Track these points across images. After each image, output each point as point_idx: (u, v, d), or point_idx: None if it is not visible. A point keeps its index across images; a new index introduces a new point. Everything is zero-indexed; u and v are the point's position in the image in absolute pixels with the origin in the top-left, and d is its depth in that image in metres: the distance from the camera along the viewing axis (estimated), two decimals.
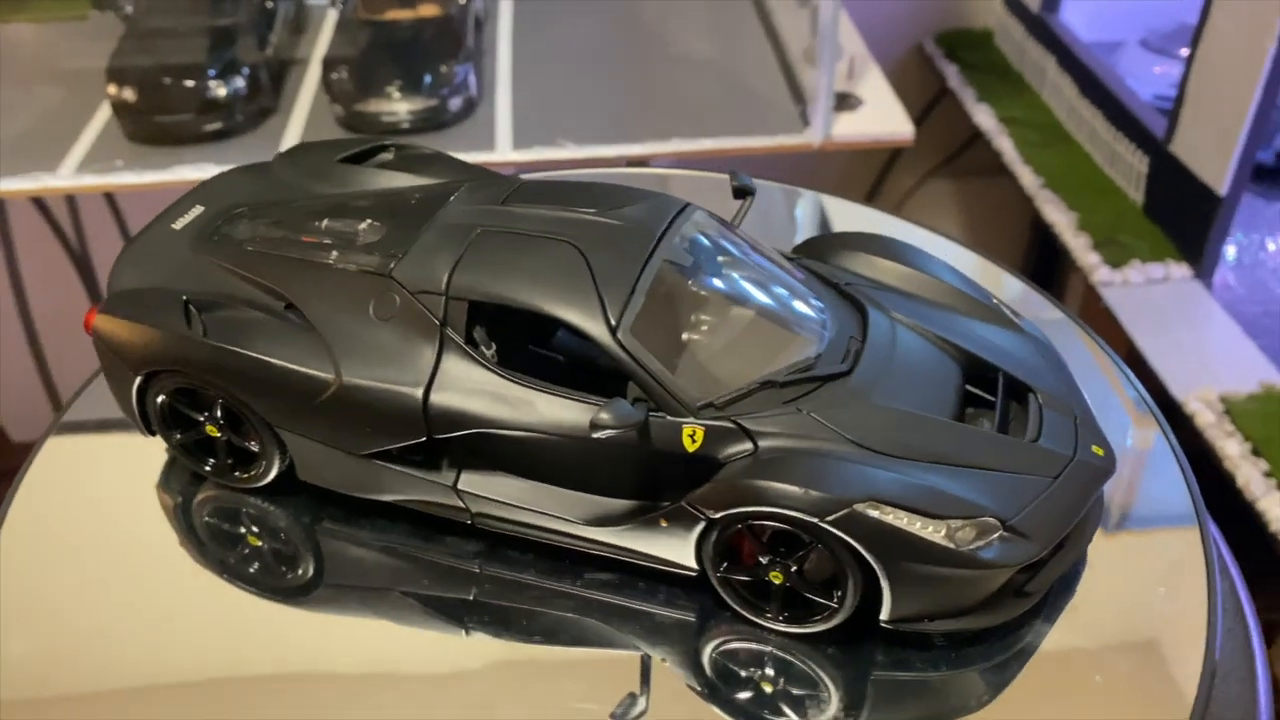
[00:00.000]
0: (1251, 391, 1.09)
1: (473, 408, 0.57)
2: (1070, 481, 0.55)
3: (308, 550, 0.64)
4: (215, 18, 1.22)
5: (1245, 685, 0.52)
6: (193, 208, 0.71)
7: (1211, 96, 1.17)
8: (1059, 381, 0.61)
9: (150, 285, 0.66)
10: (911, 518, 0.52)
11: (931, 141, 1.81)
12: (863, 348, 0.58)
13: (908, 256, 0.67)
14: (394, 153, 0.75)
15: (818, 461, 0.53)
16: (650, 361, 0.55)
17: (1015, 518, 0.53)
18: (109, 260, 1.84)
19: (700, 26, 1.38)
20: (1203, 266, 1.23)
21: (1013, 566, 0.52)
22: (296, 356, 0.60)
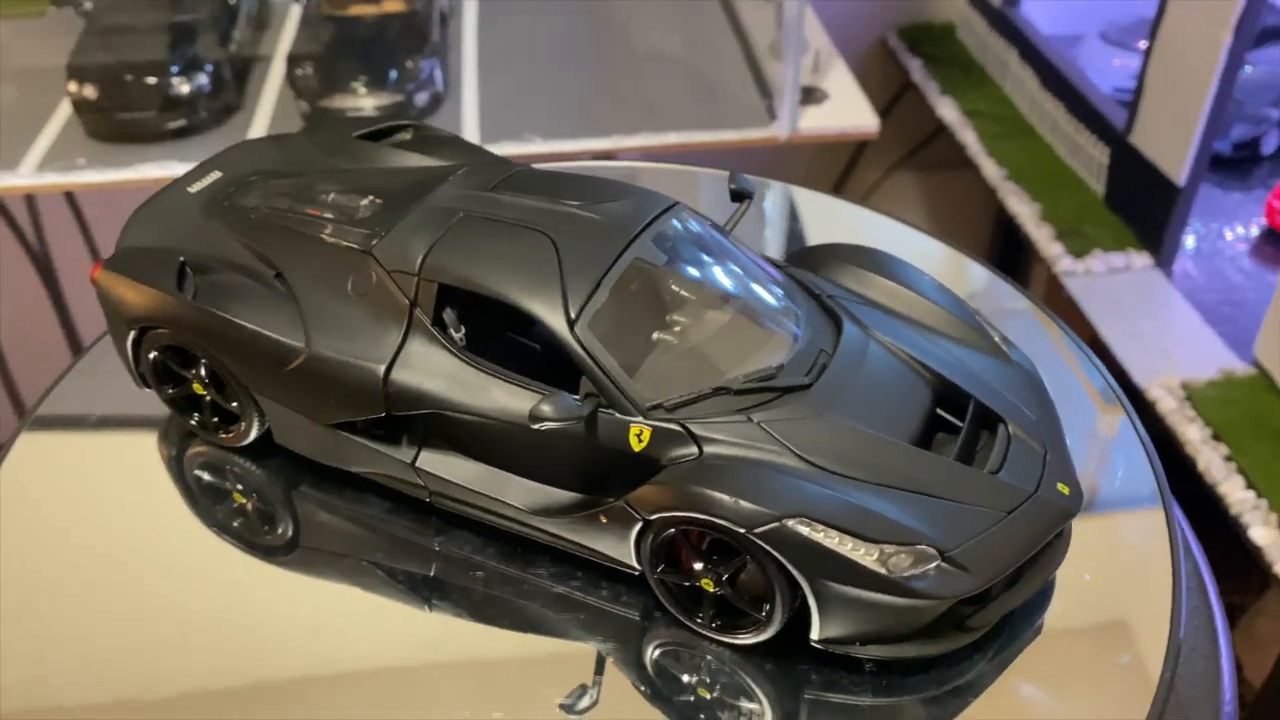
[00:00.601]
0: (1211, 378, 1.10)
1: (431, 388, 0.58)
2: (1025, 517, 0.53)
3: (286, 512, 0.65)
4: (177, 14, 1.21)
5: (1209, 662, 0.53)
6: (211, 173, 0.73)
7: (1169, 88, 1.19)
8: (1038, 414, 0.58)
9: (156, 244, 0.68)
10: (843, 538, 0.51)
11: (896, 135, 1.82)
12: (830, 362, 0.57)
13: (900, 274, 0.65)
14: (412, 133, 0.76)
15: (756, 472, 0.53)
16: (604, 357, 0.55)
17: (955, 549, 0.51)
18: (70, 261, 1.82)
19: (667, 21, 1.38)
20: (1163, 255, 1.25)
21: (947, 599, 0.51)
22: (272, 324, 0.61)
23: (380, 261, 0.60)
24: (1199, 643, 0.54)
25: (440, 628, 0.58)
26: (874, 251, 0.67)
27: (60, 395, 0.73)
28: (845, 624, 0.52)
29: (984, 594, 0.52)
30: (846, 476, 0.53)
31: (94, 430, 0.72)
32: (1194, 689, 0.52)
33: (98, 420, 0.72)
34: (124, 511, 0.66)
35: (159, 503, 0.66)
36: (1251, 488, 1.00)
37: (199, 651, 0.58)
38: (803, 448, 0.54)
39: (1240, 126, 1.39)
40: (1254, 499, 0.99)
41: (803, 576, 0.51)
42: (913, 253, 0.88)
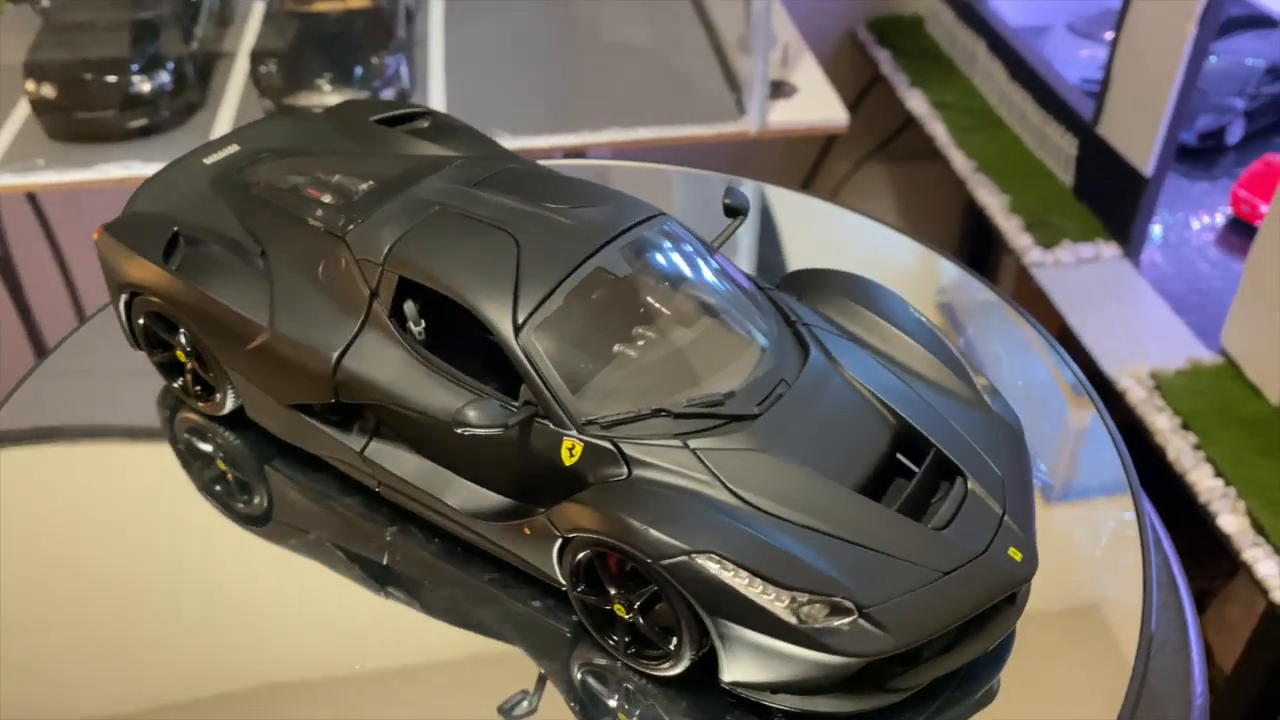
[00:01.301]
0: (1180, 367, 1.11)
1: (378, 380, 0.58)
2: (964, 580, 0.50)
3: (261, 484, 0.66)
4: (137, 10, 1.19)
5: (1180, 655, 0.54)
6: (229, 146, 0.73)
7: (1136, 79, 1.20)
8: (1006, 472, 0.54)
9: (159, 211, 0.69)
10: (754, 580, 0.48)
11: (866, 127, 1.82)
12: (787, 393, 0.54)
13: (886, 308, 0.61)
14: (429, 121, 0.75)
15: (677, 502, 0.50)
16: (544, 366, 0.53)
17: (876, 606, 0.48)
18: (32, 262, 1.78)
19: (635, 16, 1.38)
20: (1131, 246, 1.26)
21: (860, 657, 0.48)
22: (242, 301, 0.62)
23: (350, 248, 0.60)
24: (1170, 636, 0.54)
25: (386, 619, 0.58)
26: (864, 283, 0.64)
27: (22, 398, 0.72)
28: (754, 670, 0.50)
29: (913, 655, 0.50)
30: (775, 516, 0.50)
31: (59, 440, 0.71)
32: (1166, 682, 0.53)
33: (62, 429, 0.71)
34: (91, 516, 0.66)
35: (122, 504, 0.66)
36: (1220, 476, 1.01)
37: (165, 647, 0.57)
38: (735, 481, 0.51)
39: (1205, 117, 1.40)
40: (1222, 487, 1.00)
41: (708, 615, 0.49)
42: (882, 249, 0.88)
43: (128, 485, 0.67)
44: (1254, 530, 0.96)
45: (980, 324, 0.70)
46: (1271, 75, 1.41)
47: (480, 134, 0.75)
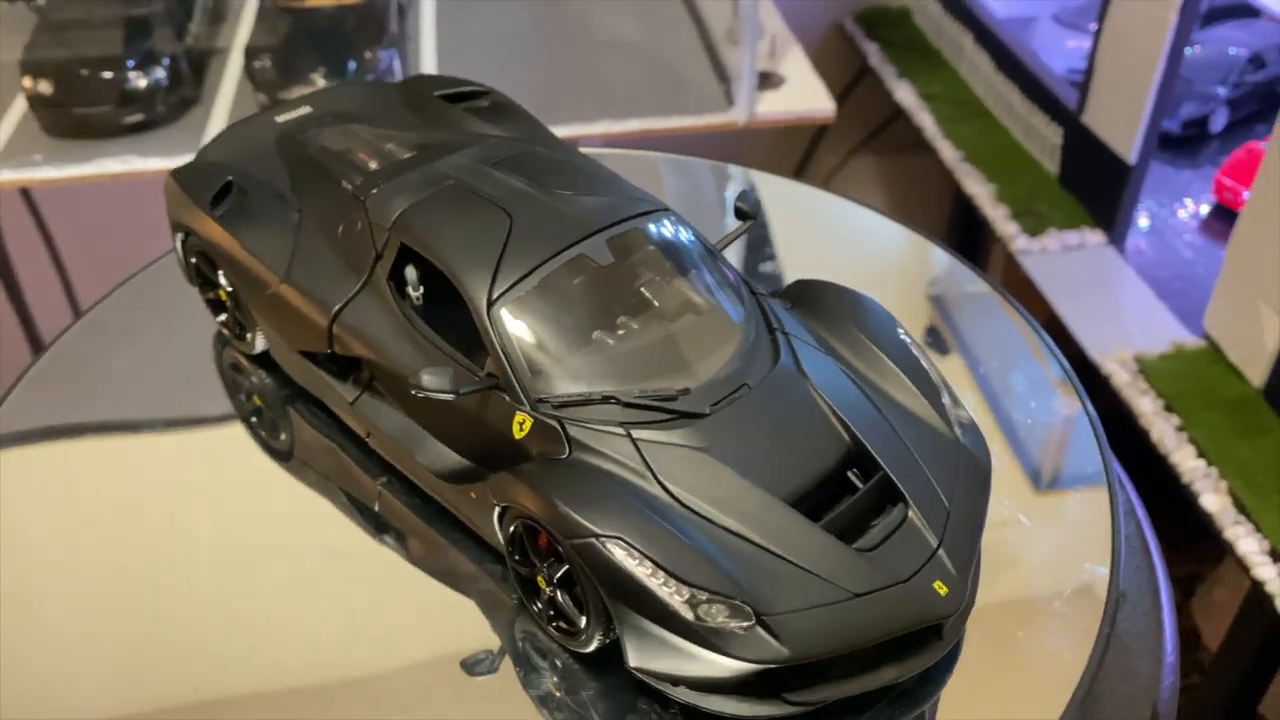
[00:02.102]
0: (1163, 351, 1.13)
1: (367, 337, 0.61)
2: (876, 605, 0.49)
3: (285, 422, 0.70)
4: (132, 7, 1.20)
5: (1151, 617, 0.56)
6: (302, 107, 0.77)
7: (1119, 69, 1.22)
8: (956, 505, 0.53)
9: (222, 160, 0.73)
10: (658, 572, 0.49)
11: (855, 119, 1.84)
12: (744, 397, 0.55)
13: (869, 324, 0.60)
14: (489, 100, 0.78)
15: (601, 486, 0.51)
16: (508, 342, 0.55)
17: (775, 615, 0.48)
18: (28, 257, 1.79)
19: (625, 9, 1.39)
20: (1116, 233, 1.28)
21: (750, 662, 0.48)
22: (266, 251, 0.66)
23: (367, 211, 0.62)
24: (1142, 599, 0.56)
25: (368, 568, 0.61)
26: (856, 299, 0.62)
27: (20, 396, 0.73)
28: (653, 660, 0.50)
29: (821, 671, 0.50)
30: (699, 515, 0.51)
31: (58, 438, 0.72)
32: (1137, 642, 0.54)
33: (60, 427, 0.72)
34: (90, 513, 0.66)
35: (121, 501, 0.67)
36: (1202, 456, 1.03)
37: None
38: (666, 475, 0.52)
39: (1189, 105, 1.42)
40: (1204, 468, 1.02)
41: (609, 599, 0.50)
42: (874, 236, 0.90)
43: (127, 481, 0.68)
44: (1235, 509, 0.98)
45: (969, 312, 0.71)
46: (1254, 64, 1.43)
47: (532, 118, 0.77)
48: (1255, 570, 0.95)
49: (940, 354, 0.77)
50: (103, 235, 1.66)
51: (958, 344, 0.77)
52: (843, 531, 0.52)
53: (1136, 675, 0.53)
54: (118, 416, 0.73)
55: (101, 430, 0.73)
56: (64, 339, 0.78)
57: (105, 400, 0.74)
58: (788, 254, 0.85)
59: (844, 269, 0.85)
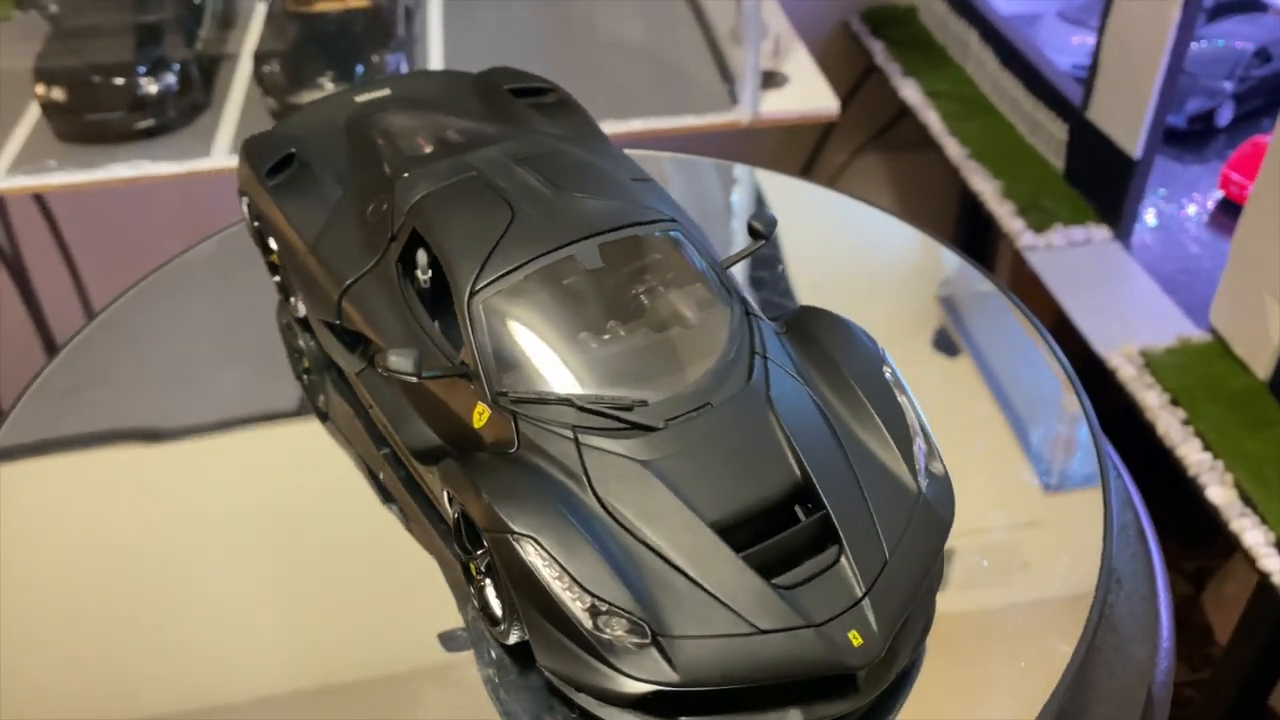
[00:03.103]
0: (1169, 345, 1.13)
1: (367, 313, 0.62)
2: (779, 643, 0.48)
3: (323, 384, 0.72)
4: (142, 15, 1.22)
5: (1148, 604, 0.56)
6: (382, 89, 0.79)
7: (1123, 64, 1.22)
8: (900, 560, 0.51)
9: (293, 133, 0.75)
10: (565, 577, 0.48)
11: (861, 118, 1.84)
12: (701, 418, 0.53)
13: (859, 368, 0.57)
14: (553, 97, 0.79)
15: (532, 485, 0.51)
16: (481, 332, 0.55)
17: (672, 638, 0.48)
18: (41, 262, 1.82)
19: (629, 10, 1.40)
20: (1122, 228, 1.28)
21: (637, 680, 0.48)
22: (301, 222, 0.69)
23: (394, 194, 0.64)
24: (1139, 586, 0.57)
25: (388, 530, 0.62)
26: (846, 332, 0.59)
27: (35, 398, 0.74)
28: (557, 662, 0.50)
29: (721, 700, 0.49)
30: (623, 528, 0.50)
31: (68, 450, 0.73)
32: (1133, 627, 0.55)
33: (72, 438, 0.73)
34: (101, 521, 0.67)
35: (131, 508, 0.67)
36: (1208, 449, 1.03)
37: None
38: (601, 483, 0.51)
39: (1195, 100, 1.42)
40: (1210, 460, 1.02)
41: (517, 596, 0.50)
42: (882, 236, 0.90)
43: (137, 484, 0.69)
44: (1241, 501, 0.98)
45: (970, 307, 0.72)
46: (1260, 58, 1.43)
47: (588, 117, 0.78)
48: (1261, 562, 0.95)
49: (944, 352, 0.77)
50: (114, 238, 1.68)
51: (960, 341, 0.77)
52: (768, 565, 0.50)
53: (1132, 659, 0.54)
54: (129, 418, 0.74)
55: (113, 432, 0.73)
56: (76, 341, 0.79)
57: (116, 402, 0.75)
58: (793, 254, 0.86)
59: (849, 268, 0.85)
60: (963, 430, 0.67)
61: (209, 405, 0.73)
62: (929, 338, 0.77)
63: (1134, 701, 0.53)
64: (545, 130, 0.74)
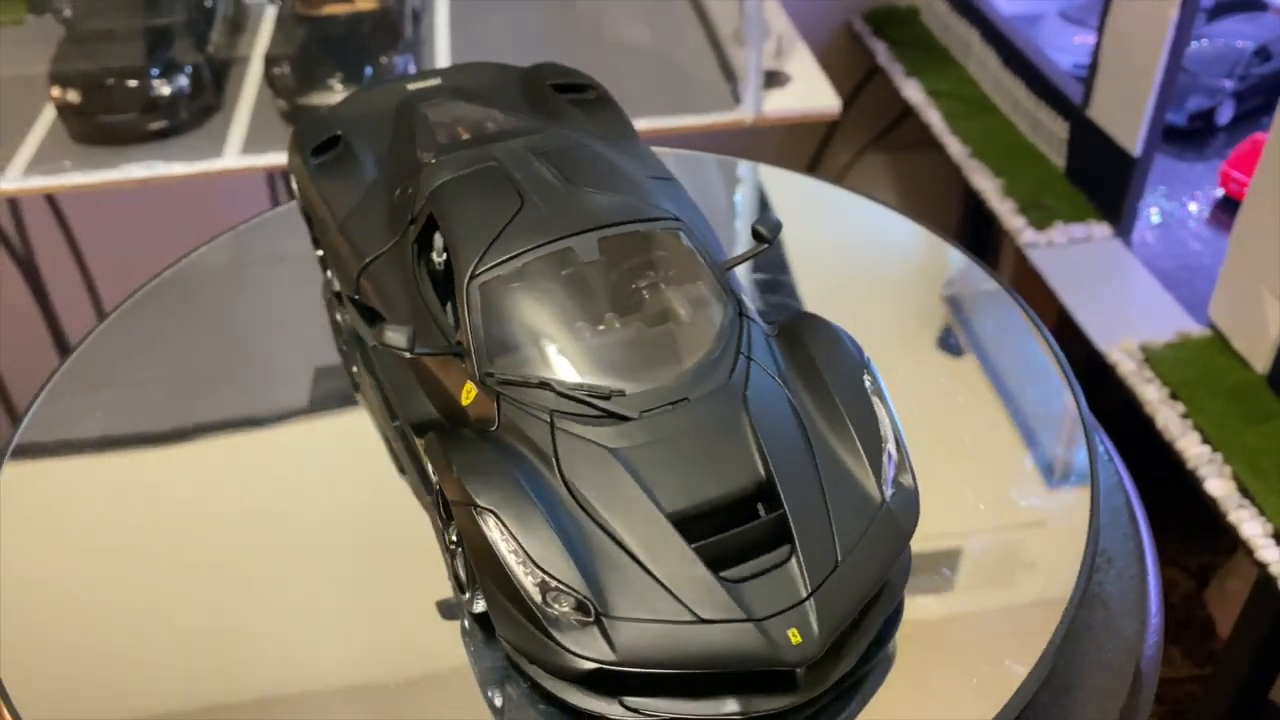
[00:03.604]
0: (1169, 340, 1.14)
1: (382, 292, 0.65)
2: (716, 634, 0.49)
3: (354, 355, 0.75)
4: (154, 18, 1.24)
5: (1138, 581, 0.57)
6: (433, 79, 0.81)
7: (1122, 62, 1.23)
8: (851, 565, 0.51)
9: (344, 115, 0.78)
10: (519, 551, 0.50)
11: (865, 118, 1.86)
12: (675, 411, 0.54)
13: (839, 374, 0.57)
14: (594, 94, 0.80)
15: (501, 463, 0.53)
16: (475, 313, 0.57)
17: (614, 619, 0.49)
18: (54, 263, 1.83)
19: (634, 13, 1.42)
20: (1122, 225, 1.29)
21: (577, 656, 0.49)
22: (335, 202, 0.71)
23: (420, 177, 0.65)
24: (1129, 565, 0.58)
25: (372, 529, 0.64)
26: (833, 339, 0.59)
27: (50, 398, 0.75)
28: (511, 633, 0.52)
29: (664, 685, 0.50)
30: (584, 510, 0.52)
31: (84, 452, 0.73)
32: (1122, 604, 0.56)
33: (86, 440, 0.73)
34: (118, 521, 0.68)
35: (146, 508, 0.68)
36: (1207, 443, 1.04)
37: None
38: (569, 467, 0.53)
39: (1195, 98, 1.43)
40: (1209, 453, 1.03)
41: (477, 568, 0.52)
42: (886, 232, 0.91)
43: (153, 488, 0.69)
44: (1240, 493, 1.00)
45: (971, 303, 0.73)
46: (1260, 56, 1.44)
47: (623, 116, 0.79)
48: (1260, 553, 0.96)
49: (945, 348, 0.78)
50: (126, 239, 1.70)
51: (962, 337, 0.78)
52: (720, 558, 0.51)
53: (1122, 635, 0.55)
54: (141, 417, 0.75)
55: (128, 435, 0.74)
56: (88, 341, 0.80)
57: (129, 402, 0.76)
58: (800, 250, 0.86)
59: (854, 264, 0.86)
60: (959, 427, 0.68)
61: (221, 404, 0.74)
62: (931, 334, 0.78)
63: (1123, 675, 0.54)
64: (578, 125, 0.75)
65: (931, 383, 0.72)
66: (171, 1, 1.26)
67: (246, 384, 0.76)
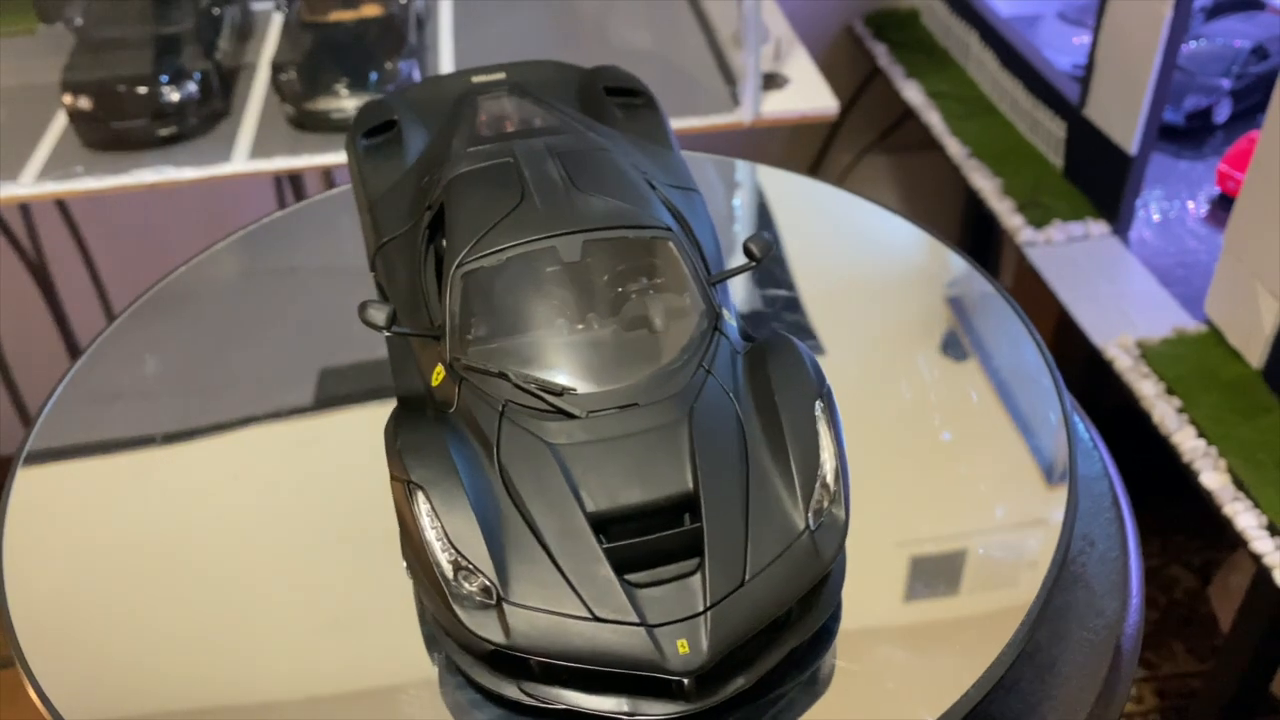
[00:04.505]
0: (1165, 336, 1.16)
1: (390, 271, 0.67)
2: (605, 633, 0.50)
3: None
4: (164, 26, 1.26)
5: (1119, 563, 0.58)
6: (498, 73, 0.82)
7: (1118, 62, 1.25)
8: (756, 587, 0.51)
9: (406, 101, 0.80)
10: (439, 529, 0.52)
11: (867, 120, 1.87)
12: (620, 415, 0.55)
13: (790, 398, 0.57)
14: (642, 100, 0.81)
15: (440, 442, 0.54)
16: (455, 300, 0.59)
17: (512, 605, 0.50)
18: (66, 269, 1.86)
19: (636, 17, 1.44)
20: (1119, 223, 1.31)
21: (471, 632, 0.51)
22: (373, 182, 0.74)
23: (445, 166, 0.68)
24: (1111, 547, 0.59)
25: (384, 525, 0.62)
26: (791, 358, 0.58)
27: (62, 401, 0.76)
28: (431, 606, 0.53)
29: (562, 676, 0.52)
30: (511, 499, 0.53)
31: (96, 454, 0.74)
32: (1104, 584, 0.58)
33: (98, 443, 0.74)
34: (130, 522, 0.68)
35: (163, 508, 0.69)
36: (1202, 436, 1.05)
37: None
38: (507, 456, 0.54)
39: (1192, 97, 1.44)
40: (1204, 447, 1.04)
41: (404, 540, 0.54)
42: (888, 235, 0.92)
43: (165, 488, 0.70)
44: (1234, 486, 1.01)
45: (967, 303, 0.73)
46: (1257, 55, 1.46)
47: (663, 122, 0.79)
48: (1254, 544, 0.97)
49: (945, 349, 0.78)
50: (135, 244, 1.72)
51: (962, 338, 0.78)
52: (631, 561, 0.52)
53: (1103, 613, 0.57)
54: (152, 418, 0.75)
55: (139, 436, 0.74)
56: (99, 343, 0.81)
57: (140, 403, 0.76)
58: (802, 252, 0.87)
59: (855, 266, 0.87)
60: (948, 424, 0.69)
61: (230, 404, 0.75)
62: (930, 336, 0.79)
63: (1104, 652, 0.56)
64: (619, 129, 0.76)
65: (922, 380, 0.73)
66: (180, 10, 1.28)
67: (256, 384, 0.77)
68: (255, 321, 0.83)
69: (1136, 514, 0.64)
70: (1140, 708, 1.58)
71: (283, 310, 0.83)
